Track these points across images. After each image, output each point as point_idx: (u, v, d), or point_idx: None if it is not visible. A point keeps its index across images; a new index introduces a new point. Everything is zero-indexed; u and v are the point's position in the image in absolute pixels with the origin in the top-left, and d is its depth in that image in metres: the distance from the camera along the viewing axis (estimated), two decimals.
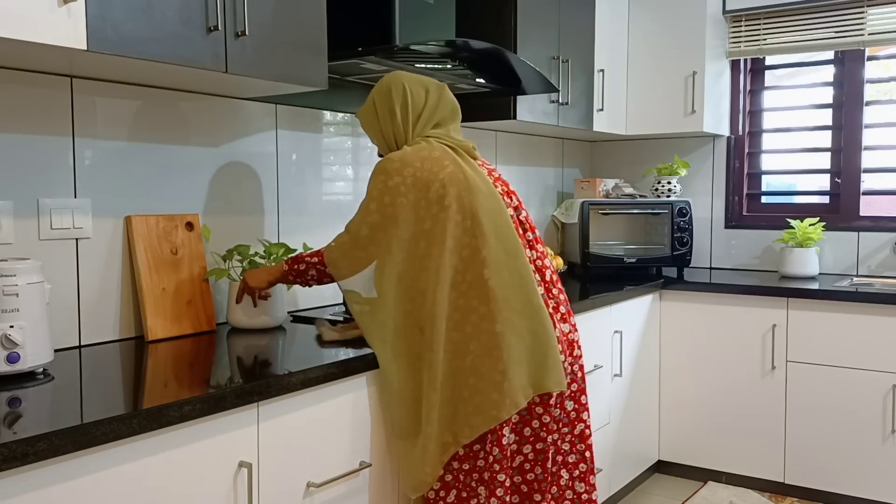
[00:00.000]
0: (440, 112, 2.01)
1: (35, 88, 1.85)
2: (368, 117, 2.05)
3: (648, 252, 3.66)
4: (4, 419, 1.31)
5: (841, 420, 3.16)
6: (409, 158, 1.89)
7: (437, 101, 2.01)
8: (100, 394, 1.49)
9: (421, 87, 2.00)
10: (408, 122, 1.98)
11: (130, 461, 1.37)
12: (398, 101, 1.98)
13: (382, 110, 2.00)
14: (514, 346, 1.82)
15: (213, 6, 1.79)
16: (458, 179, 1.88)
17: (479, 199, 1.87)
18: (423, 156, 1.90)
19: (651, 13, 3.74)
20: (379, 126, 2.02)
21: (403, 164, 1.88)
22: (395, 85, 1.99)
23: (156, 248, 2.08)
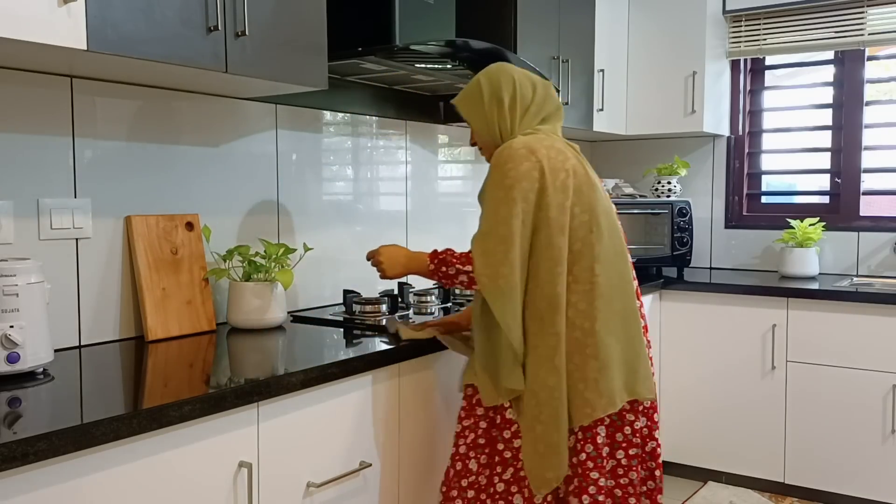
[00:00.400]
0: (546, 108, 1.98)
1: (35, 88, 1.85)
2: (472, 103, 1.98)
3: (648, 252, 3.66)
4: (4, 419, 1.31)
5: (841, 420, 3.16)
6: (534, 145, 1.85)
7: (545, 97, 1.98)
8: (100, 394, 1.49)
9: (528, 81, 1.97)
10: (515, 113, 1.93)
11: (130, 461, 1.37)
12: (507, 91, 1.94)
13: (490, 98, 1.94)
14: (611, 348, 1.83)
15: (213, 6, 1.79)
16: (580, 172, 1.88)
17: (597, 194, 1.89)
18: (547, 144, 1.87)
19: (651, 13, 3.74)
20: (484, 112, 1.95)
21: (530, 150, 1.83)
22: (504, 75, 1.96)
23: (156, 248, 2.08)
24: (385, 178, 2.89)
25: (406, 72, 2.51)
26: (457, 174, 3.28)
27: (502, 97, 1.93)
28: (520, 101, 1.94)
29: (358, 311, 2.34)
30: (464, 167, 3.32)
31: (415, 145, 3.03)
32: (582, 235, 1.84)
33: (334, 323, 2.27)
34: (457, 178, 3.28)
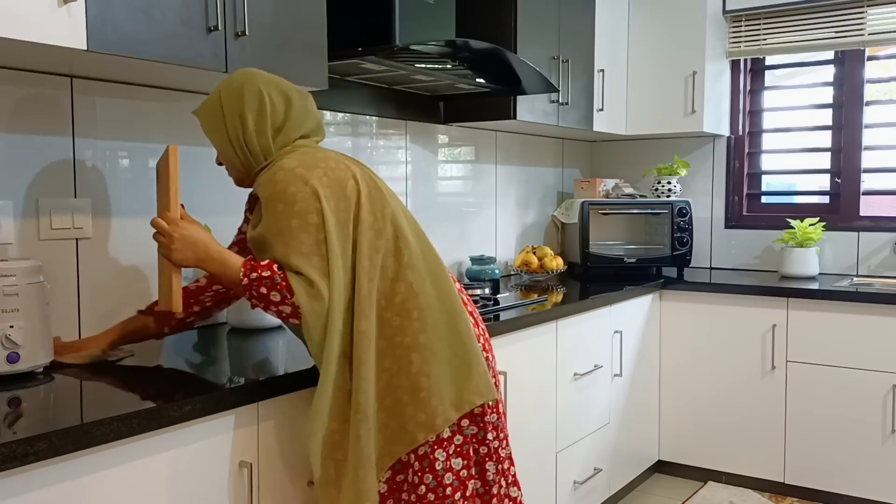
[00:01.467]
0: (306, 125, 1.70)
1: (35, 88, 1.85)
2: (212, 119, 1.67)
3: (648, 252, 3.66)
4: (4, 419, 1.31)
5: (841, 420, 3.16)
6: (307, 160, 1.59)
7: (302, 113, 1.69)
8: (100, 394, 1.49)
9: (280, 95, 1.66)
10: (265, 134, 1.64)
11: (130, 461, 1.37)
12: (251, 107, 1.63)
13: (231, 115, 1.64)
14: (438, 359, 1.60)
15: (213, 6, 1.79)
16: (366, 178, 1.64)
17: (388, 199, 1.65)
18: (319, 156, 1.61)
19: (651, 13, 3.74)
20: (226, 131, 1.65)
21: (308, 167, 1.57)
22: (249, 87, 1.64)
23: None
24: (385, 178, 2.89)
25: (406, 72, 2.51)
26: (457, 174, 3.28)
27: (245, 115, 1.63)
28: (270, 119, 1.64)
29: None
30: (464, 167, 3.32)
31: (415, 145, 3.03)
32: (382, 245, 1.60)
33: None
34: (457, 178, 3.28)
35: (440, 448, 1.59)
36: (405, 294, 1.58)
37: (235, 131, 1.64)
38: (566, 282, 3.38)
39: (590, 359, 2.93)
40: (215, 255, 1.59)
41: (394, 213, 1.63)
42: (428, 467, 1.58)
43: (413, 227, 1.68)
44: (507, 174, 3.59)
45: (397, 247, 1.61)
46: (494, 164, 3.50)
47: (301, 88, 1.71)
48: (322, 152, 1.63)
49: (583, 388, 2.89)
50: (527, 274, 3.41)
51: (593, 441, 2.97)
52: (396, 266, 1.60)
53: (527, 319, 2.49)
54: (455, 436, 1.62)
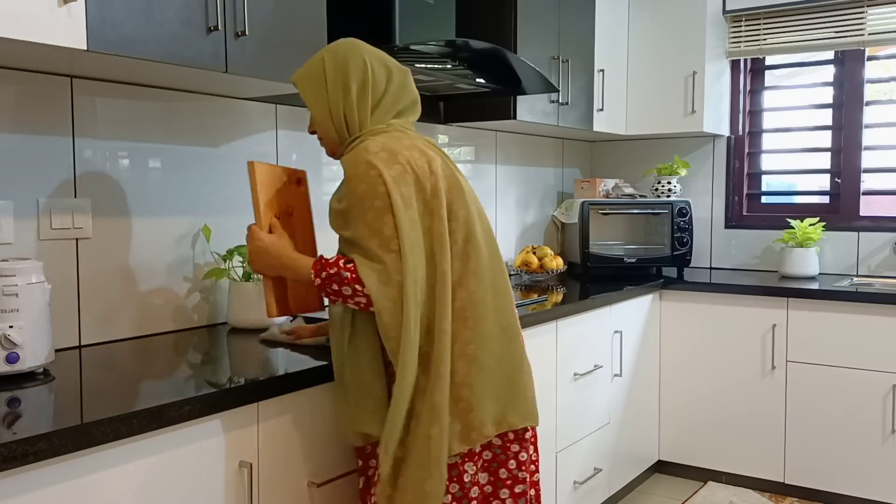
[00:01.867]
0: (403, 100, 1.69)
1: (35, 88, 1.85)
2: (314, 85, 1.66)
3: (648, 252, 3.66)
4: (4, 419, 1.31)
5: (841, 420, 3.16)
6: (394, 146, 1.57)
7: (401, 87, 1.68)
8: (100, 394, 1.49)
9: (383, 67, 1.66)
10: (365, 105, 1.63)
11: (130, 461, 1.37)
12: (355, 76, 1.62)
13: (335, 81, 1.62)
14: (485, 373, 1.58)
15: (213, 6, 1.79)
16: (448, 175, 1.63)
17: (466, 197, 1.63)
18: (407, 144, 1.60)
19: (651, 13, 3.74)
20: (328, 98, 1.64)
21: (392, 152, 1.56)
22: (354, 56, 1.63)
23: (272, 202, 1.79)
24: None
25: None
26: None
27: (349, 83, 1.62)
28: (372, 90, 1.63)
29: None
30: (464, 167, 3.32)
31: None
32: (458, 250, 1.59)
33: None
34: None
35: (470, 461, 1.60)
36: (464, 300, 1.58)
37: (337, 101, 1.63)
38: (566, 282, 3.38)
39: (590, 359, 2.93)
40: (287, 262, 1.66)
41: (468, 215, 1.62)
42: (456, 477, 1.58)
43: (486, 232, 1.66)
44: (507, 174, 3.59)
45: (465, 251, 1.60)
46: (494, 164, 3.50)
47: (400, 64, 1.70)
48: (410, 139, 1.62)
49: (583, 388, 2.89)
50: (527, 274, 3.41)
51: (593, 441, 2.97)
52: (462, 270, 1.59)
53: (527, 319, 2.49)
54: (484, 451, 1.64)
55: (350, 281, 1.53)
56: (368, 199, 1.52)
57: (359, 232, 1.54)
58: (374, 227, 1.51)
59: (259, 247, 1.69)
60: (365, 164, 1.53)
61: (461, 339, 1.57)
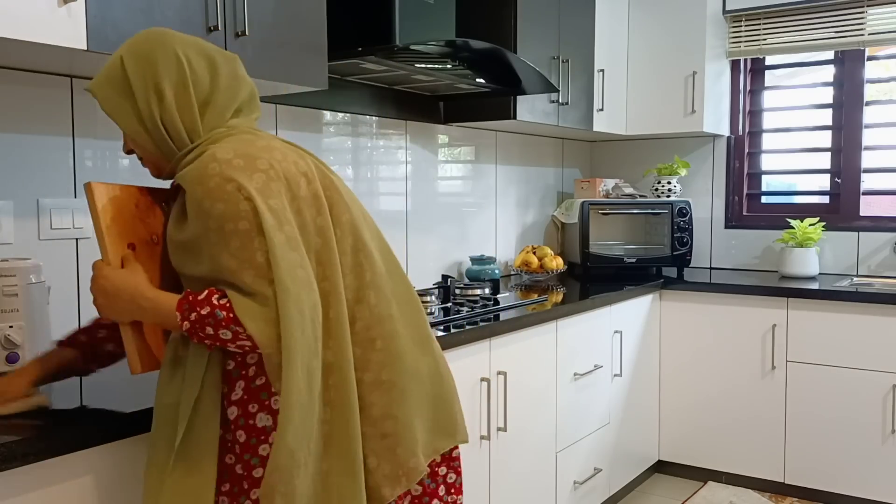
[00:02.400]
0: (238, 95, 1.37)
1: (35, 88, 1.85)
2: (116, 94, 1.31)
3: (648, 252, 3.66)
4: (4, 419, 1.31)
5: (841, 420, 3.16)
6: (248, 150, 1.27)
7: (232, 80, 1.37)
8: (100, 394, 1.49)
9: (202, 58, 1.33)
10: (189, 108, 1.31)
11: (130, 461, 1.37)
12: (168, 76, 1.29)
13: (142, 86, 1.29)
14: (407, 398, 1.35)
15: (213, 6, 1.79)
16: (321, 176, 1.36)
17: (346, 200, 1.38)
18: (262, 145, 1.29)
19: (651, 13, 3.74)
20: (138, 109, 1.30)
21: (249, 157, 1.25)
22: (163, 51, 1.30)
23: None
24: (385, 178, 2.89)
25: (406, 72, 2.50)
26: (457, 174, 3.28)
27: (161, 84, 1.29)
28: (194, 88, 1.31)
29: None
30: (464, 167, 3.32)
31: (415, 145, 3.03)
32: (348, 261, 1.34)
33: None
34: (457, 178, 3.28)
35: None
36: (367, 320, 1.33)
37: (149, 107, 1.29)
38: (566, 282, 3.38)
39: (590, 359, 2.93)
40: (144, 303, 1.27)
41: (353, 221, 1.35)
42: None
43: (376, 237, 1.42)
44: (507, 174, 3.59)
45: (357, 261, 1.34)
46: (494, 164, 3.50)
47: (225, 50, 1.39)
48: (264, 140, 1.31)
49: (583, 388, 2.89)
50: (527, 274, 3.41)
51: (593, 441, 2.97)
52: (357, 284, 1.33)
53: (527, 319, 2.48)
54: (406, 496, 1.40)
55: (228, 322, 1.20)
56: (230, 222, 1.20)
57: (222, 265, 1.21)
58: (243, 255, 1.20)
59: (104, 287, 1.29)
60: (218, 176, 1.21)
61: (373, 365, 1.32)
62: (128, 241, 1.37)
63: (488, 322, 2.33)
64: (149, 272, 1.36)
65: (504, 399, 2.40)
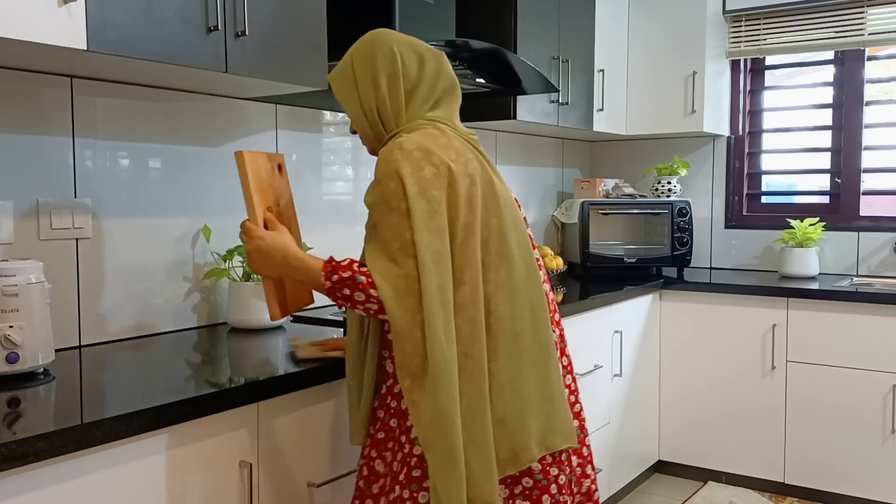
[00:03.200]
0: (439, 87, 1.59)
1: (35, 88, 1.85)
2: (344, 83, 1.60)
3: (648, 252, 3.66)
4: (4, 419, 1.31)
5: (841, 420, 3.16)
6: (429, 145, 1.48)
7: (436, 73, 1.59)
8: (100, 394, 1.49)
9: (413, 53, 1.57)
10: (398, 98, 1.55)
11: (130, 461, 1.37)
12: (384, 68, 1.54)
13: (363, 77, 1.56)
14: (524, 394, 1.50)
15: (213, 6, 1.79)
16: (486, 180, 1.53)
17: (501, 206, 1.53)
18: (443, 143, 1.50)
19: (651, 13, 3.74)
20: (359, 95, 1.57)
21: (426, 152, 1.46)
22: (381, 47, 1.55)
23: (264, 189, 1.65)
24: None
25: None
26: None
27: (378, 75, 1.54)
28: (403, 80, 1.55)
29: None
30: None
31: None
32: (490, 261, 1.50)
33: (334, 323, 2.27)
34: None
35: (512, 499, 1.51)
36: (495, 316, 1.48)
37: (368, 97, 1.55)
38: (566, 282, 3.38)
39: (590, 359, 2.93)
40: (294, 263, 1.53)
41: (501, 225, 1.51)
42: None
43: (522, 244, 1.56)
44: (507, 174, 3.59)
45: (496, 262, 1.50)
46: (494, 164, 3.50)
47: (433, 48, 1.61)
48: (447, 138, 1.51)
49: (583, 388, 2.88)
50: None
51: (593, 441, 2.97)
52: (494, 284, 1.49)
53: None
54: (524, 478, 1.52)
55: (365, 286, 1.43)
56: (394, 200, 1.43)
57: (381, 233, 1.45)
58: (397, 229, 1.42)
59: (260, 247, 1.55)
60: (396, 161, 1.45)
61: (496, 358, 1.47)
62: (266, 204, 1.61)
63: None
64: None
65: None
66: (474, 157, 1.54)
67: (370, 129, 1.59)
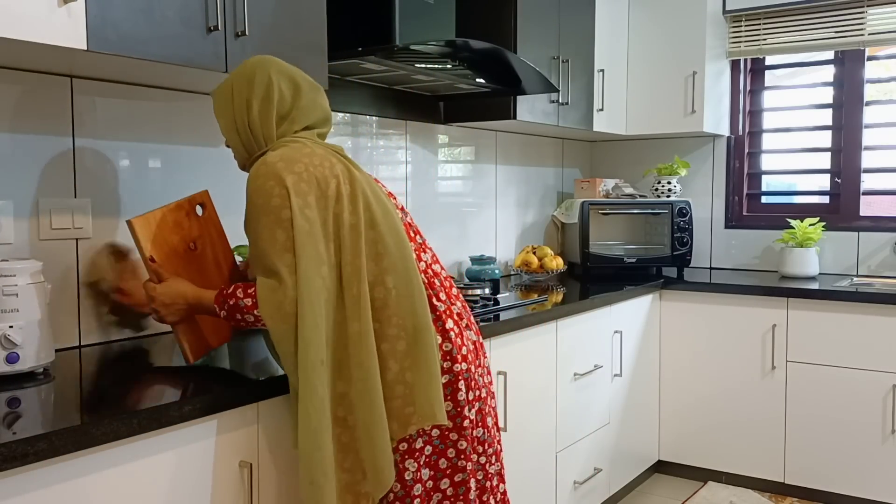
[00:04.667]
0: (311, 116, 1.71)
1: (35, 88, 1.85)
2: (222, 101, 1.70)
3: (648, 252, 3.66)
4: (4, 419, 1.31)
5: (841, 420, 3.16)
6: (292, 155, 1.58)
7: (311, 105, 1.70)
8: (100, 394, 1.49)
9: (290, 83, 1.68)
10: (268, 119, 1.65)
11: (130, 461, 1.37)
12: (258, 93, 1.65)
13: (239, 98, 1.66)
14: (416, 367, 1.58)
15: (213, 6, 1.79)
16: (352, 178, 1.62)
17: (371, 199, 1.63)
18: (306, 152, 1.60)
19: (651, 13, 3.74)
20: (233, 114, 1.67)
21: (290, 160, 1.56)
22: (260, 73, 1.66)
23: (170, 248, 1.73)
24: (385, 178, 2.89)
25: (406, 72, 2.51)
26: (457, 174, 3.28)
27: (251, 98, 1.65)
28: (277, 105, 1.66)
29: None
30: (464, 167, 3.32)
31: (415, 145, 3.03)
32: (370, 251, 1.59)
33: None
34: (457, 178, 3.28)
35: (411, 458, 1.59)
36: (384, 299, 1.58)
37: (241, 115, 1.66)
38: (566, 282, 3.38)
39: (590, 359, 2.93)
40: (193, 301, 1.66)
41: (372, 216, 1.61)
42: (397, 476, 1.58)
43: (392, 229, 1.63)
44: (507, 174, 3.59)
45: (377, 251, 1.59)
46: (494, 164, 3.50)
47: (314, 81, 1.74)
48: (310, 147, 1.62)
49: (583, 388, 2.89)
50: (527, 274, 3.41)
51: (593, 441, 2.97)
52: (376, 270, 1.59)
53: (527, 319, 2.49)
54: (426, 446, 1.61)
55: (249, 308, 1.56)
56: (265, 213, 1.53)
57: (258, 246, 1.53)
58: (272, 238, 1.51)
59: (158, 300, 1.66)
60: (262, 175, 1.55)
61: (389, 337, 1.57)
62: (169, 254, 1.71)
63: (488, 322, 2.33)
64: (190, 274, 1.74)
65: (504, 399, 2.40)
66: (338, 161, 1.64)
67: (241, 145, 1.69)
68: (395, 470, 1.57)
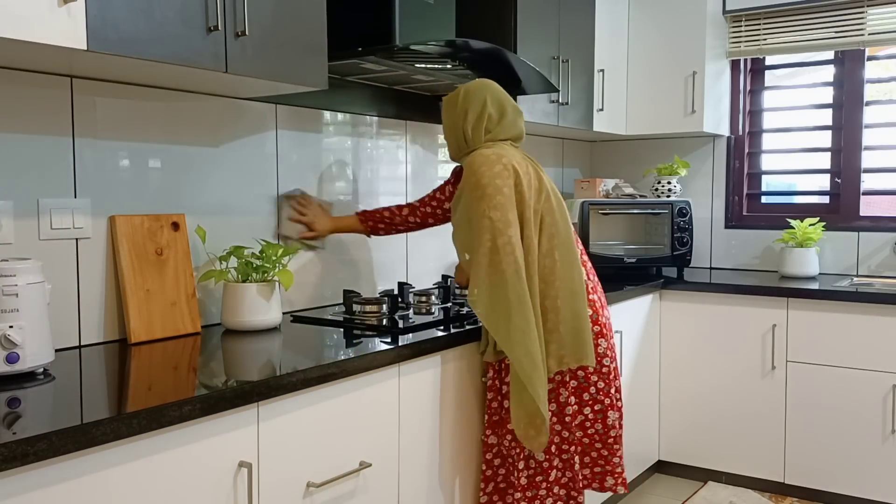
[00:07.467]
0: (510, 132, 2.30)
1: (35, 88, 1.85)
2: (449, 106, 2.32)
3: (648, 252, 3.66)
4: (4, 419, 1.31)
5: (841, 420, 3.16)
6: (499, 152, 2.19)
7: (511, 124, 2.30)
8: (100, 394, 1.49)
9: (497, 106, 2.28)
10: (479, 130, 2.26)
11: (130, 461, 1.37)
12: (474, 108, 2.27)
13: (461, 107, 2.28)
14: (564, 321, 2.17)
15: (213, 6, 1.79)
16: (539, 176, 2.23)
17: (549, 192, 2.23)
18: (508, 153, 2.21)
19: (651, 13, 3.74)
20: (455, 117, 2.29)
21: (498, 156, 2.17)
22: (479, 94, 2.28)
23: (140, 248, 2.05)
24: (385, 178, 2.89)
25: (406, 72, 2.51)
26: None
27: (468, 111, 2.27)
28: (486, 120, 2.26)
29: (358, 311, 2.34)
30: None
31: (415, 145, 3.03)
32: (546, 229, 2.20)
33: (334, 323, 2.27)
34: None
35: (563, 388, 2.20)
36: (551, 267, 2.17)
37: (460, 121, 2.28)
38: None
39: None
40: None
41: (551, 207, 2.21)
42: (554, 399, 2.20)
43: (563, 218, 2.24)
44: None
45: (551, 231, 2.19)
46: None
47: (517, 105, 2.32)
48: (508, 153, 2.21)
49: None
50: None
51: None
52: (549, 245, 2.18)
53: None
54: (571, 381, 2.23)
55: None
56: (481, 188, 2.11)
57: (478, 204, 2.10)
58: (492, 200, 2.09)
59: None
60: (481, 163, 2.15)
61: (550, 295, 2.16)
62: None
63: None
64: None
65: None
66: (529, 164, 2.25)
67: (455, 142, 2.32)
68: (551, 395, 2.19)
